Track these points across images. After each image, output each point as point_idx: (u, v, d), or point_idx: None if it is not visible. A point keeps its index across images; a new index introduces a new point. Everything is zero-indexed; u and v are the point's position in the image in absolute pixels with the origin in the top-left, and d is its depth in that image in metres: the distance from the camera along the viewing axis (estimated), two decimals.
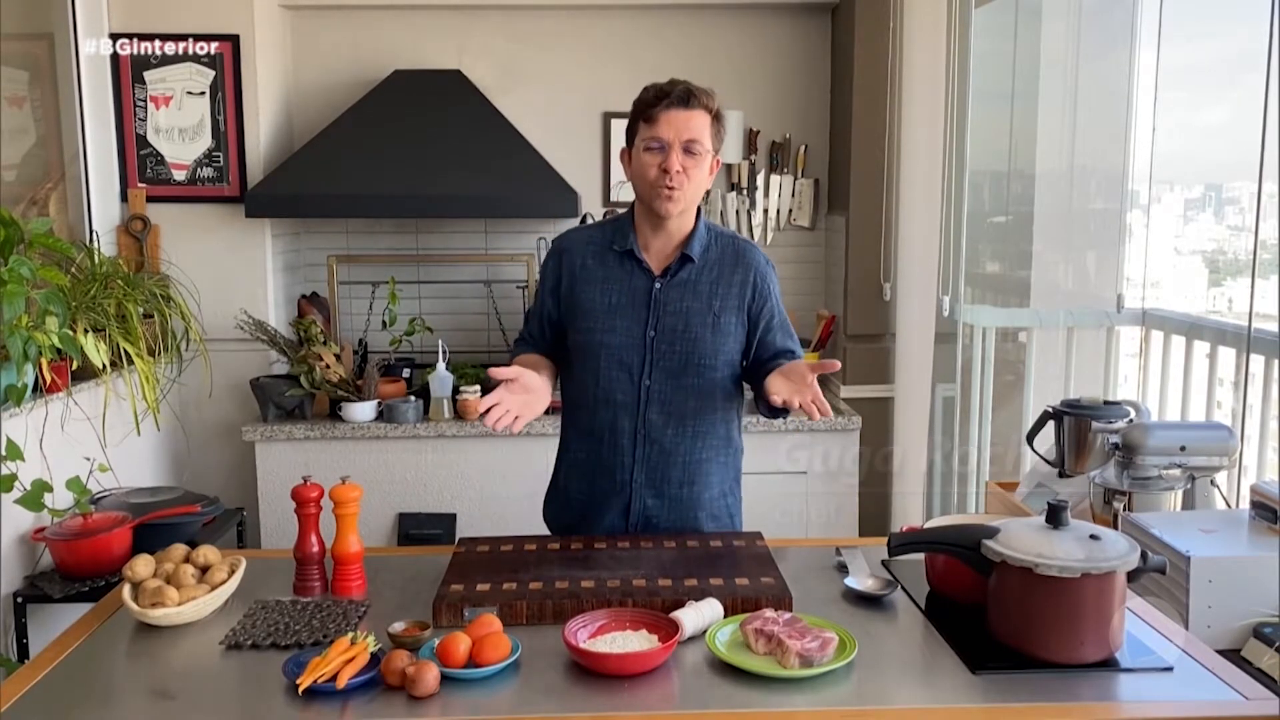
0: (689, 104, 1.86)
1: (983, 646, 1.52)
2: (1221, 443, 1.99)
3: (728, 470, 2.07)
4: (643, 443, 1.98)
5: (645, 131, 1.89)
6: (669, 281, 1.96)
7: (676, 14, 3.85)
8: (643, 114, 1.89)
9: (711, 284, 1.96)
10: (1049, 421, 2.21)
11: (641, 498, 2.00)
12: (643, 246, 1.98)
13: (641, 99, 1.91)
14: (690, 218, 1.98)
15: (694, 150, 1.87)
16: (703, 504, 2.03)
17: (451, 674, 1.44)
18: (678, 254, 1.97)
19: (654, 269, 1.97)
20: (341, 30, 3.82)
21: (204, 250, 3.56)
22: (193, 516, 2.75)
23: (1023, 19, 3.21)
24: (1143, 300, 2.74)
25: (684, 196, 1.89)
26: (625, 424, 1.97)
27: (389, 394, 3.52)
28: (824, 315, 3.80)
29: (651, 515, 2.01)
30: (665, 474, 1.99)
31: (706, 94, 1.90)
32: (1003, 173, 3.37)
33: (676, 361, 1.94)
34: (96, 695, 1.47)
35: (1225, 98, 2.64)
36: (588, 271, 1.98)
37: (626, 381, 1.96)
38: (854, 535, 3.42)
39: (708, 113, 1.89)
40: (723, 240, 2.02)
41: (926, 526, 1.79)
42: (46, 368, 2.60)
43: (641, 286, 1.96)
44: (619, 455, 1.99)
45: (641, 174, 1.91)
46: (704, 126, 1.88)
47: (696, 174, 1.89)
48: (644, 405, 1.96)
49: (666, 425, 1.97)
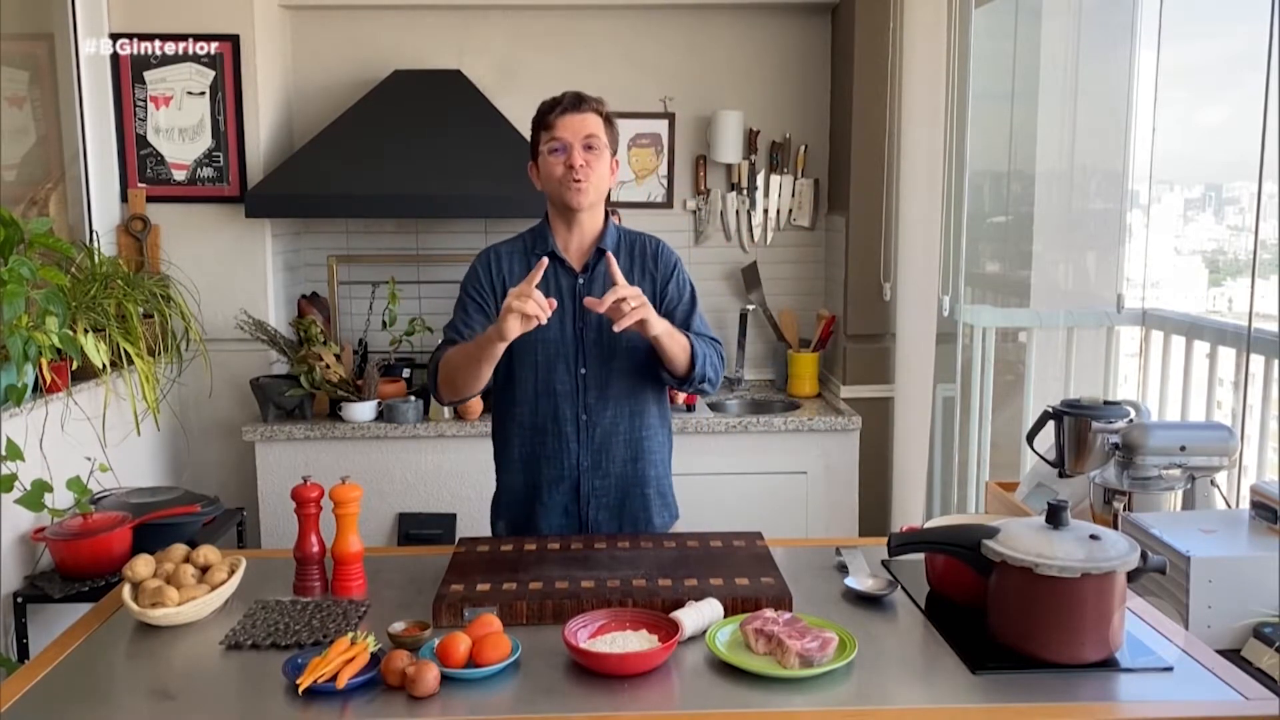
0: (580, 108, 2.05)
1: (983, 646, 1.52)
2: (1221, 443, 1.99)
3: (664, 448, 2.24)
4: (585, 427, 2.12)
5: (546, 137, 2.06)
6: (590, 276, 2.12)
7: (676, 14, 3.85)
8: (541, 123, 2.07)
9: (626, 273, 2.09)
10: (1049, 421, 2.21)
11: (589, 479, 2.13)
12: (562, 247, 2.13)
13: (539, 111, 2.09)
14: (599, 215, 2.15)
15: (593, 145, 2.05)
16: (647, 480, 2.17)
17: (451, 674, 1.44)
18: (594, 249, 2.12)
19: (575, 266, 2.12)
20: (341, 30, 3.82)
21: (204, 250, 3.56)
22: (193, 516, 2.75)
23: (1023, 19, 3.21)
24: (1143, 300, 2.74)
25: (591, 188, 2.06)
26: (567, 411, 2.11)
27: (389, 394, 3.52)
28: (824, 315, 3.80)
29: (601, 495, 2.14)
30: (610, 453, 2.13)
31: (596, 99, 2.09)
32: (1003, 173, 3.37)
33: (605, 348, 2.09)
34: (96, 695, 1.47)
35: (1225, 98, 2.65)
36: (515, 276, 2.12)
37: (564, 372, 2.10)
38: (854, 535, 3.43)
39: (599, 115, 2.07)
40: (630, 236, 2.20)
41: (926, 526, 1.79)
42: (46, 368, 2.60)
43: (566, 284, 2.11)
44: (564, 441, 2.12)
45: (550, 175, 2.06)
46: (598, 125, 2.06)
47: (599, 166, 2.06)
48: (583, 391, 2.11)
49: (605, 407, 2.11)
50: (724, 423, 3.42)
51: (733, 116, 3.78)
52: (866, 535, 3.40)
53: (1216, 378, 2.49)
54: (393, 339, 3.65)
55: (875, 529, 3.52)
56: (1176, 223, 2.92)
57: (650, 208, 3.90)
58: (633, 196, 3.89)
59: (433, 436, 3.41)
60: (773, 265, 3.96)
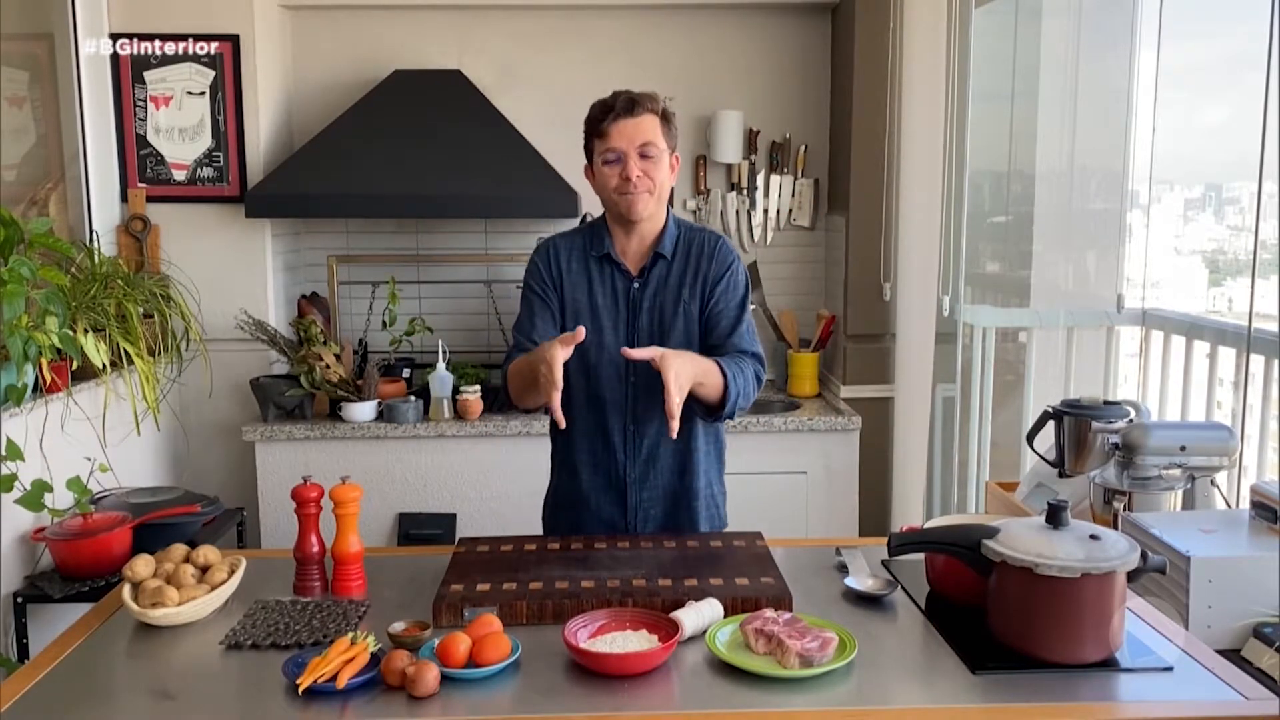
0: (634, 112, 1.95)
1: (983, 646, 1.52)
2: (1221, 443, 1.99)
3: (712, 459, 2.16)
4: (633, 437, 2.06)
5: (600, 146, 1.98)
6: (645, 280, 2.05)
7: (676, 14, 3.85)
8: (594, 130, 1.99)
9: (681, 275, 2.05)
10: (1049, 421, 2.21)
11: (637, 491, 2.08)
12: (619, 251, 2.06)
13: (590, 116, 2.00)
14: (660, 218, 2.06)
15: (649, 153, 1.96)
16: (695, 493, 2.10)
17: (451, 674, 1.44)
18: (651, 253, 2.05)
19: (631, 270, 2.06)
20: (341, 30, 3.82)
21: (204, 250, 3.55)
22: (193, 516, 2.75)
23: (1023, 19, 3.21)
24: (1143, 300, 2.74)
25: (651, 196, 1.98)
26: (615, 421, 2.05)
27: (389, 394, 3.52)
28: (824, 315, 3.80)
29: (649, 507, 2.08)
30: (657, 465, 2.08)
31: (650, 98, 1.99)
32: (1003, 173, 3.37)
33: None
34: (96, 695, 1.47)
35: (1225, 98, 2.65)
36: (574, 274, 2.07)
37: (614, 379, 2.03)
38: (854, 535, 3.42)
39: (655, 115, 1.98)
40: (691, 233, 2.09)
41: (926, 526, 1.78)
42: (46, 368, 2.59)
43: (620, 288, 2.05)
44: (612, 451, 2.07)
45: (605, 185, 1.99)
46: (654, 129, 1.97)
47: (657, 174, 1.98)
48: (632, 401, 2.04)
49: (654, 419, 2.03)
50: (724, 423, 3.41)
51: (733, 116, 3.78)
52: (866, 535, 3.40)
53: (1216, 378, 2.48)
54: (393, 339, 3.65)
55: (875, 529, 3.52)
56: (1176, 223, 2.92)
57: None
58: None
59: (433, 436, 3.41)
60: (773, 265, 3.96)
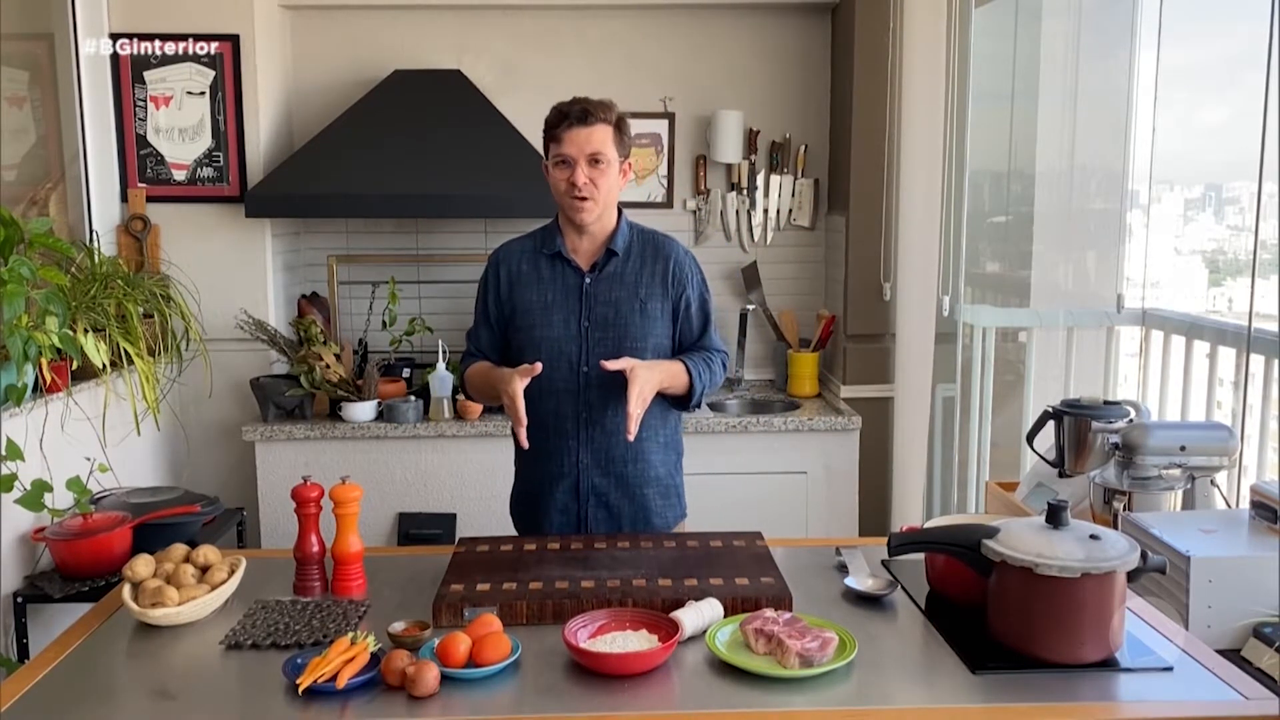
0: (587, 121, 2.02)
1: (983, 646, 1.52)
2: (1221, 443, 1.99)
3: (669, 448, 2.22)
4: (585, 425, 2.12)
5: (554, 150, 2.05)
6: (597, 276, 2.12)
7: (676, 14, 3.85)
8: (549, 134, 2.06)
9: (636, 274, 2.13)
10: (1049, 421, 2.21)
11: (589, 477, 2.14)
12: (570, 249, 2.14)
13: (547, 120, 2.07)
14: (610, 220, 2.14)
15: (599, 159, 2.03)
16: (649, 480, 2.17)
17: (451, 674, 1.44)
18: (603, 250, 2.13)
19: (582, 267, 2.13)
20: (341, 30, 3.82)
21: (204, 250, 3.55)
22: (193, 516, 2.75)
23: (1023, 19, 3.21)
24: (1143, 300, 2.74)
25: (595, 205, 2.06)
26: (568, 409, 2.11)
27: (389, 394, 3.52)
28: (824, 315, 3.80)
29: (601, 493, 2.14)
30: (609, 453, 2.13)
31: (604, 107, 2.05)
32: (1003, 173, 3.37)
33: (610, 347, 2.08)
34: (96, 695, 1.47)
35: (1225, 98, 2.64)
36: (523, 275, 2.14)
37: (567, 370, 2.10)
38: (854, 535, 3.43)
39: (607, 124, 2.04)
40: (644, 235, 2.19)
41: (926, 526, 1.79)
42: (46, 368, 2.60)
43: (573, 283, 2.12)
44: (565, 439, 2.13)
45: (556, 187, 2.08)
46: (605, 139, 2.03)
47: (604, 182, 2.05)
48: (584, 390, 2.11)
49: (606, 406, 2.10)
50: (724, 423, 3.42)
51: (733, 116, 3.78)
52: (866, 535, 3.40)
53: (1216, 378, 2.48)
54: (393, 339, 3.65)
55: (875, 529, 3.52)
56: (1176, 223, 2.92)
57: (650, 207, 3.90)
58: (633, 196, 3.89)
59: (433, 436, 3.41)
60: (773, 265, 3.96)
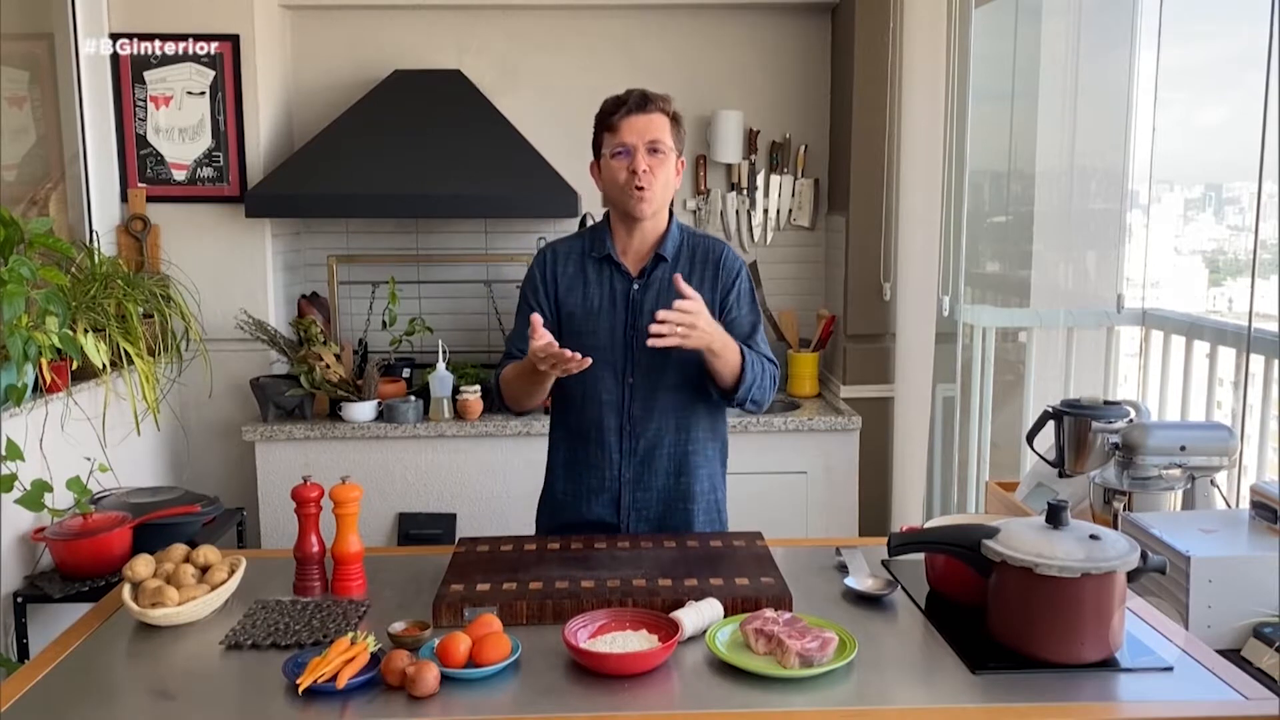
0: (646, 108, 1.96)
1: (983, 646, 1.52)
2: (1221, 443, 1.99)
3: (714, 462, 2.14)
4: (629, 438, 2.05)
5: (610, 140, 1.98)
6: (645, 282, 2.04)
7: (676, 14, 3.85)
8: (605, 124, 1.99)
9: (686, 280, 1.99)
10: (1049, 421, 2.21)
11: (630, 492, 2.06)
12: (620, 251, 2.06)
13: (602, 110, 2.01)
14: (663, 219, 2.06)
15: (658, 149, 1.96)
16: (693, 496, 2.09)
17: (451, 674, 1.44)
18: (652, 255, 2.04)
19: (631, 271, 2.05)
20: (341, 30, 3.82)
21: (204, 250, 3.56)
22: (193, 516, 2.75)
23: (1023, 19, 3.21)
24: (1143, 300, 2.74)
25: (654, 196, 1.98)
26: (611, 421, 2.04)
27: (389, 394, 3.52)
28: (824, 315, 3.80)
29: (642, 509, 2.07)
30: (652, 467, 2.06)
31: (662, 98, 1.99)
32: (1003, 173, 3.37)
33: (657, 357, 1.97)
34: (96, 695, 1.47)
35: (1225, 98, 2.65)
36: (569, 278, 2.07)
37: (611, 380, 2.03)
38: (854, 535, 3.43)
39: (665, 115, 1.98)
40: (694, 239, 2.09)
41: (926, 526, 1.78)
42: (46, 368, 2.60)
43: (620, 289, 2.04)
44: (606, 451, 2.06)
45: (612, 180, 1.99)
46: (664, 127, 1.97)
47: (663, 173, 1.98)
48: (628, 401, 2.04)
49: (651, 419, 2.04)
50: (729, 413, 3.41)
51: (733, 116, 3.78)
52: (866, 535, 3.40)
53: (1216, 378, 2.49)
54: (393, 339, 3.65)
55: (875, 529, 3.52)
56: (1176, 223, 2.93)
57: None
58: None
59: (433, 436, 3.41)
60: (773, 265, 3.96)
